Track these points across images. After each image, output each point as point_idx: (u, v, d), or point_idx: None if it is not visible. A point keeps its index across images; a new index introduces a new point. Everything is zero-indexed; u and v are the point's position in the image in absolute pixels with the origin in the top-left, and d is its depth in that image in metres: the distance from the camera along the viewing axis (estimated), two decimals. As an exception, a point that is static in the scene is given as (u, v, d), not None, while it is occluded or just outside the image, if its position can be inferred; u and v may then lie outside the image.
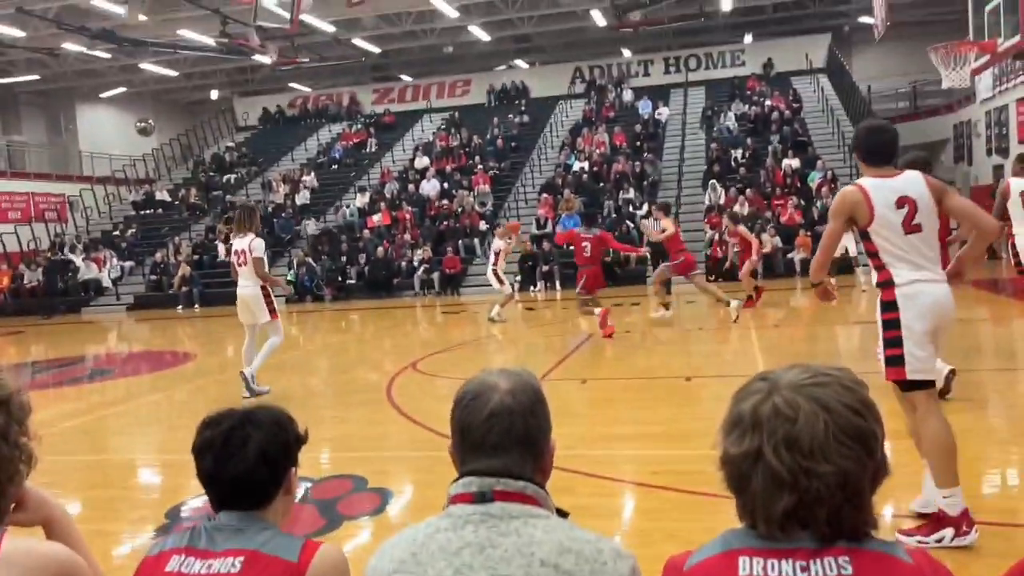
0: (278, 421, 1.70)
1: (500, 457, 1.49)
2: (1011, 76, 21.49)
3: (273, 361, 11.78)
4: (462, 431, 1.53)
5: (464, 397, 1.55)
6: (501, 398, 1.52)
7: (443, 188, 24.71)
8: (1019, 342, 9.85)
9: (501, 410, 1.50)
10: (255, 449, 1.63)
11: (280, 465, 1.68)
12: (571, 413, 6.85)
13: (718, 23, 29.56)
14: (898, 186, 3.74)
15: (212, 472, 1.64)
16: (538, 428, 1.54)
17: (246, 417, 1.68)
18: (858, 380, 1.13)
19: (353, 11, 20.81)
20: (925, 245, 3.72)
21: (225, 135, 33.99)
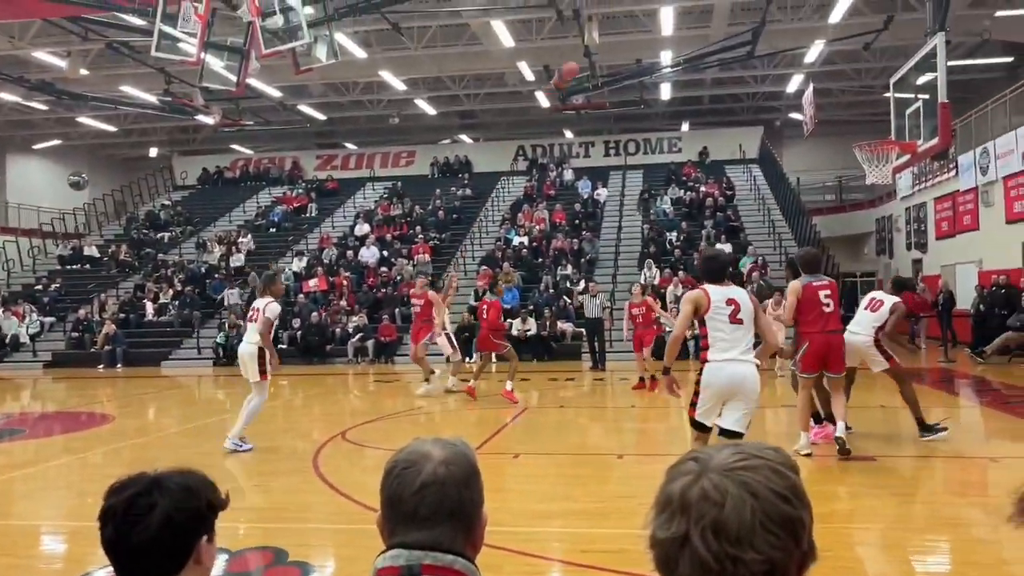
0: (188, 487, 1.59)
1: (430, 529, 1.44)
2: (929, 176, 22.74)
3: (197, 425, 11.41)
4: (392, 501, 1.48)
5: (396, 466, 1.50)
6: (434, 468, 1.47)
7: (382, 256, 24.67)
8: (937, 430, 10.13)
9: (434, 481, 1.46)
10: (159, 517, 1.52)
11: (188, 534, 1.57)
12: (502, 488, 6.75)
13: (657, 111, 30.70)
14: (728, 292, 5.42)
15: (113, 541, 1.54)
16: (471, 501, 1.49)
17: (154, 483, 1.57)
18: (790, 463, 1.13)
19: (300, 78, 20.96)
20: (744, 332, 5.35)
21: (161, 193, 33.48)
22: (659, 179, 28.98)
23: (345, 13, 15.11)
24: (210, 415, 12.91)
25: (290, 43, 12.83)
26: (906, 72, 10.41)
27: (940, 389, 13.52)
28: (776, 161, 29.03)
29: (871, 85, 26.10)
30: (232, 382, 17.01)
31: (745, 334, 5.37)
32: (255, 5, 11.95)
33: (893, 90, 10.84)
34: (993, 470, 7.35)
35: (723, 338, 5.36)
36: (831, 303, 7.54)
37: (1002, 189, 18.45)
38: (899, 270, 25.91)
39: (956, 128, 19.68)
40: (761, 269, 20.88)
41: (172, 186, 34.13)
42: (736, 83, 28.07)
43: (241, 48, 14.34)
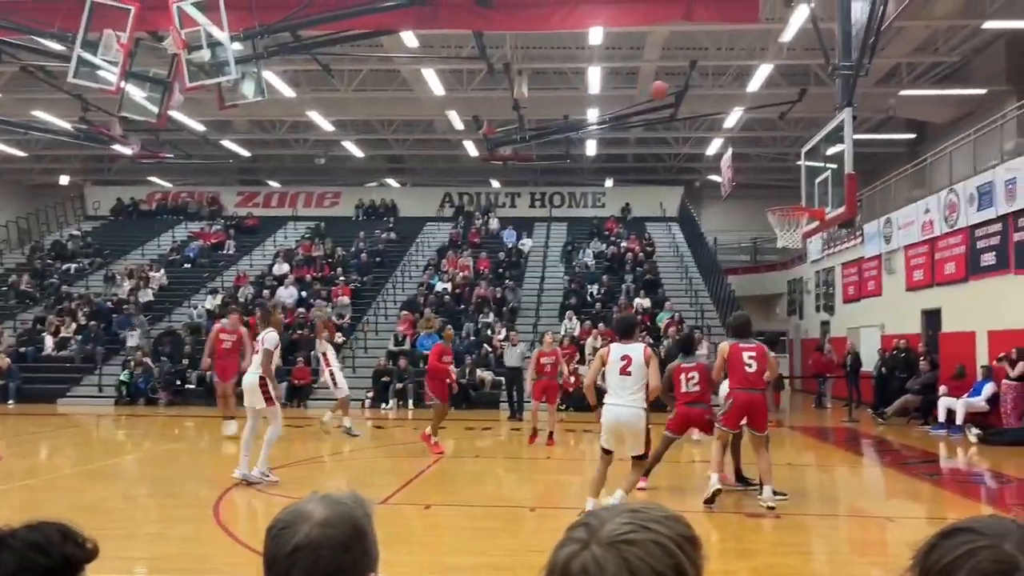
0: (37, 544, 1.42)
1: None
2: (838, 242, 23.76)
3: (94, 467, 10.84)
4: (269, 563, 1.41)
5: (275, 526, 1.43)
6: (309, 531, 1.39)
7: (301, 297, 24.21)
8: (841, 488, 10.43)
9: (307, 544, 1.38)
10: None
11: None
12: (410, 540, 6.60)
13: (582, 166, 31.35)
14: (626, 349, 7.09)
15: None
16: (352, 565, 1.41)
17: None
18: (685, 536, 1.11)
19: (225, 113, 20.64)
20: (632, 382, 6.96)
21: (71, 222, 32.20)
22: (582, 232, 29.46)
23: (275, 52, 14.99)
24: (108, 457, 12.30)
25: (216, 78, 12.62)
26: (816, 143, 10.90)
27: (844, 448, 13.95)
28: (695, 220, 29.91)
29: (785, 152, 27.28)
30: (134, 422, 16.29)
31: (632, 383, 6.97)
32: (181, 38, 11.75)
33: (804, 159, 11.33)
34: (891, 529, 7.57)
35: (613, 386, 7.07)
36: (754, 364, 7.97)
37: (903, 258, 19.41)
38: (808, 331, 26.85)
39: (862, 198, 20.69)
40: (678, 324, 21.31)
41: (83, 216, 32.90)
42: (659, 143, 28.95)
43: (164, 80, 14.06)
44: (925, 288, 18.26)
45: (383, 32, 15.32)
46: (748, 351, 8.00)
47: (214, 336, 13.58)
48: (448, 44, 19.66)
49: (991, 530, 1.06)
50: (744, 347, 8.04)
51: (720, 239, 31.31)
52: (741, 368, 7.96)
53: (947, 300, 17.39)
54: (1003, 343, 14.74)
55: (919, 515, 8.47)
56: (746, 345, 8.09)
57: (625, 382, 6.97)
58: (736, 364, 7.99)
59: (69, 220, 32.33)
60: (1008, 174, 14.59)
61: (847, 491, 10.23)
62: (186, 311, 24.23)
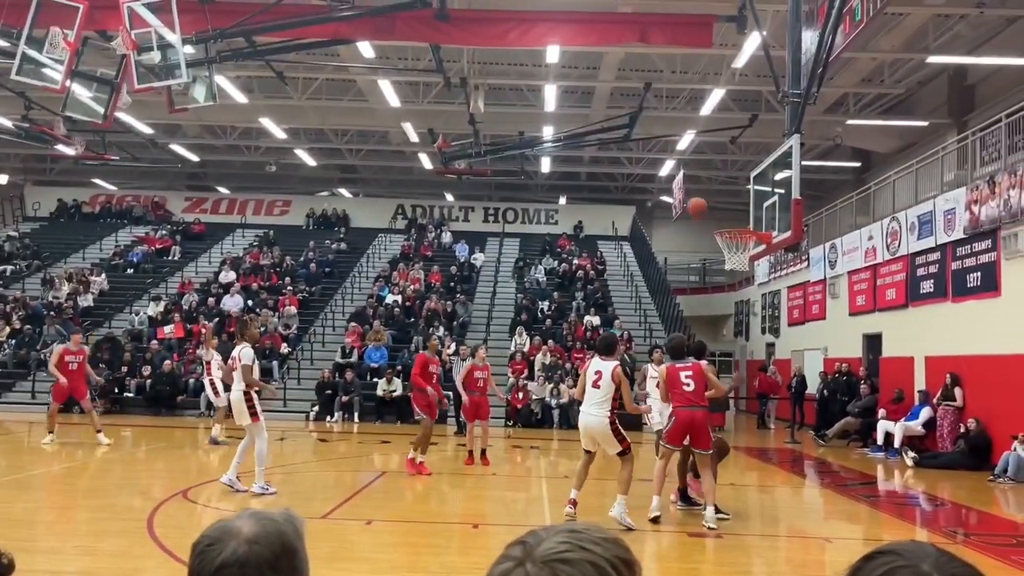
0: None
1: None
2: (784, 266, 24.22)
3: (21, 478, 10.44)
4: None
5: (201, 542, 1.36)
6: (236, 547, 1.33)
7: (247, 305, 23.78)
8: (782, 509, 10.56)
9: (233, 562, 1.32)
10: None
11: None
12: (350, 557, 6.48)
13: (536, 183, 31.52)
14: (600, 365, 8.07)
15: None
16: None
17: None
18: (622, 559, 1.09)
19: (175, 117, 20.27)
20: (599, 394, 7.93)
21: (8, 223, 31.21)
22: (535, 249, 29.55)
23: (228, 57, 14.78)
24: (38, 466, 11.87)
25: (166, 81, 12.38)
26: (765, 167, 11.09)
27: (786, 469, 14.15)
28: (646, 240, 30.25)
29: (736, 176, 27.79)
30: (68, 431, 15.78)
31: (600, 395, 7.93)
32: (131, 39, 11.49)
33: (753, 183, 11.51)
34: (829, 550, 7.67)
35: (586, 396, 8.08)
36: (691, 383, 8.27)
37: (847, 283, 19.85)
38: (753, 352, 27.27)
39: (808, 223, 21.14)
40: (627, 343, 21.45)
41: (21, 216, 31.91)
42: (612, 163, 29.25)
43: (112, 80, 13.73)
44: (867, 313, 18.69)
45: (339, 41, 15.20)
46: (684, 371, 8.34)
47: (59, 357, 13.75)
48: (405, 56, 19.63)
49: (910, 553, 1.10)
50: (680, 367, 8.41)
51: (670, 259, 31.72)
52: (679, 387, 8.27)
53: (888, 325, 17.82)
54: (939, 368, 15.14)
55: (856, 536, 8.61)
56: (682, 365, 8.46)
57: (595, 394, 7.95)
58: (674, 384, 8.30)
59: (7, 221, 31.35)
60: (947, 204, 15.04)
61: (788, 511, 10.36)
62: (128, 317, 23.61)
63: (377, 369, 20.53)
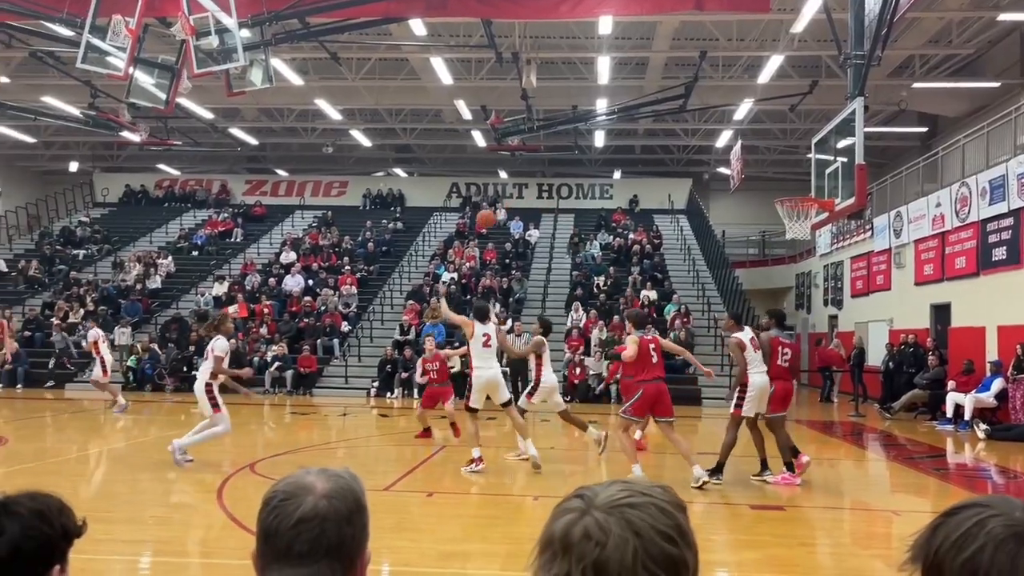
0: (41, 512, 1.45)
1: (306, 567, 1.33)
2: (847, 236, 23.64)
3: (99, 451, 10.88)
4: (267, 535, 1.36)
5: (274, 498, 1.39)
6: (315, 502, 1.36)
7: (307, 285, 24.22)
8: (846, 482, 10.39)
9: (313, 516, 1.35)
10: (6, 545, 1.38)
11: (39, 564, 1.42)
12: (412, 528, 6.59)
13: (590, 157, 31.26)
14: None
15: None
16: (352, 538, 1.39)
17: (1, 507, 1.43)
18: (676, 502, 1.10)
19: (233, 101, 20.64)
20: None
21: (80, 209, 32.29)
22: (589, 224, 29.38)
23: (283, 39, 14.98)
24: (114, 441, 12.35)
25: (224, 65, 12.62)
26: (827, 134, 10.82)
27: (851, 442, 13.90)
28: (703, 213, 29.80)
29: (795, 145, 27.13)
30: (140, 407, 16.37)
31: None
32: (190, 24, 11.73)
33: (814, 150, 11.25)
34: (896, 523, 7.53)
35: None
36: (655, 355, 8.62)
37: (913, 252, 19.29)
38: (815, 325, 26.75)
39: (872, 191, 20.57)
40: (684, 317, 21.25)
41: (92, 202, 32.98)
42: (668, 135, 28.83)
43: (173, 66, 14.05)
44: (935, 283, 18.15)
45: (392, 20, 15.27)
46: (651, 343, 8.65)
47: None
48: (457, 33, 19.59)
49: (998, 503, 1.07)
50: (648, 339, 8.71)
51: (728, 232, 31.19)
52: (648, 359, 8.52)
53: (957, 295, 17.28)
54: (1012, 338, 14.64)
55: (925, 509, 8.42)
56: (648, 337, 8.80)
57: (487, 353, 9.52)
58: (643, 356, 8.49)
59: (78, 207, 32.42)
60: (1021, 168, 14.47)
61: (852, 484, 10.18)
62: (193, 298, 24.28)
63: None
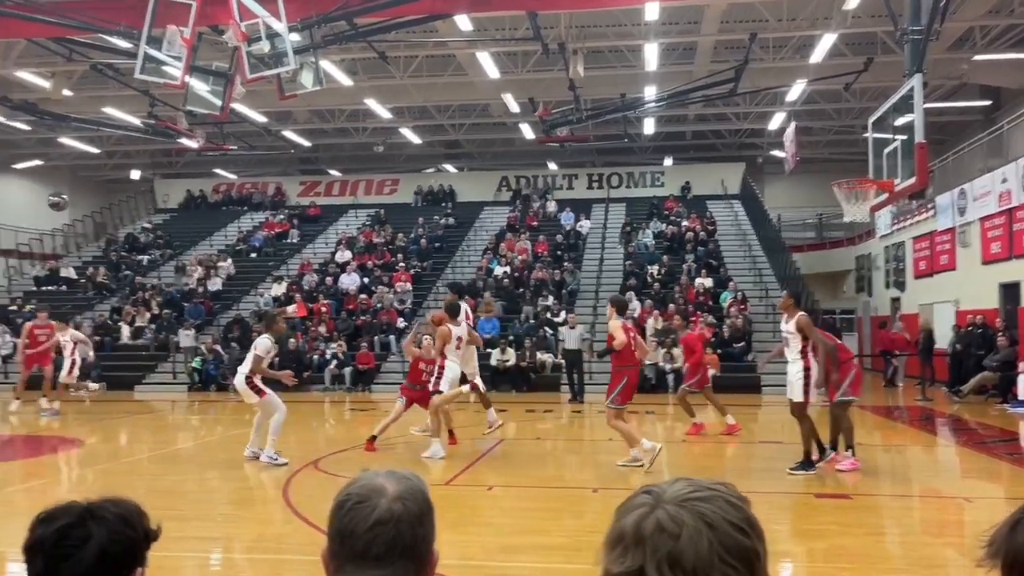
0: (125, 517, 1.51)
1: (382, 568, 1.38)
2: (908, 216, 23.01)
3: (168, 452, 11.21)
4: (342, 537, 1.40)
5: (347, 500, 1.43)
6: (389, 505, 1.40)
7: (363, 283, 24.56)
8: (914, 469, 10.14)
9: (388, 518, 1.39)
10: (94, 549, 1.44)
11: (123, 567, 1.48)
12: (474, 522, 6.65)
13: (640, 145, 30.98)
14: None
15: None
16: (424, 539, 1.43)
17: (87, 512, 1.49)
18: (741, 496, 1.10)
19: (285, 104, 20.99)
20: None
21: (142, 215, 33.26)
22: (641, 213, 29.14)
23: (331, 41, 15.17)
24: (183, 441, 12.71)
25: (275, 69, 12.85)
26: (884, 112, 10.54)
27: (917, 428, 13.56)
28: (757, 197, 29.30)
29: (851, 125, 26.49)
30: (206, 407, 16.81)
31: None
32: (241, 31, 11.96)
33: (872, 130, 10.97)
34: (969, 510, 7.33)
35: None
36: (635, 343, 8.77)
37: (979, 230, 18.68)
38: (877, 308, 26.12)
39: (934, 169, 19.98)
40: (740, 304, 20.96)
41: (153, 209, 33.93)
42: (719, 119, 28.41)
43: (226, 73, 14.37)
44: (1003, 261, 17.56)
45: (437, 16, 15.34)
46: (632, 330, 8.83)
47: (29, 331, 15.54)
48: (502, 26, 19.59)
49: None
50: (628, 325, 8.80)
51: (784, 216, 30.64)
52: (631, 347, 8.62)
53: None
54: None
55: (998, 495, 8.18)
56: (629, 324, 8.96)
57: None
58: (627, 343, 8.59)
59: (141, 213, 33.39)
60: (1091, 139, 13.90)
61: (921, 471, 9.94)
62: (253, 299, 24.81)
63: (490, 340, 20.82)
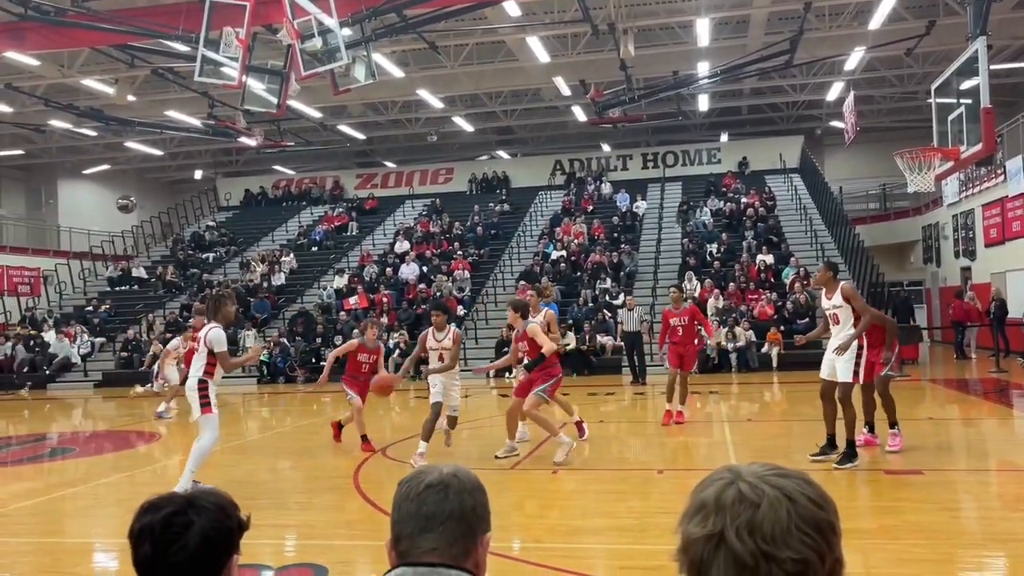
0: (222, 506, 1.63)
1: (430, 532, 1.49)
2: (976, 182, 22.25)
3: (240, 443, 11.56)
4: (396, 506, 1.56)
5: (406, 479, 1.61)
6: (440, 474, 1.56)
7: (422, 272, 24.83)
8: (990, 443, 9.88)
9: (438, 483, 1.54)
10: (197, 535, 1.55)
11: (222, 553, 1.59)
12: (540, 504, 6.73)
13: (695, 122, 30.54)
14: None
15: (150, 560, 1.56)
16: (473, 509, 1.55)
17: (189, 502, 1.60)
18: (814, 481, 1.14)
19: (339, 98, 21.29)
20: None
21: (206, 214, 34.16)
22: (698, 190, 28.78)
23: (383, 34, 15.34)
24: (255, 432, 13.10)
25: (329, 64, 13.04)
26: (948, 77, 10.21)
27: (993, 400, 13.17)
28: (817, 170, 28.64)
29: (913, 91, 25.68)
30: (275, 399, 17.26)
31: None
32: (294, 28, 12.17)
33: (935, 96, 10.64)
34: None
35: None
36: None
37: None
38: (946, 279, 25.37)
39: (1002, 132, 19.26)
40: (803, 280, 20.58)
41: (216, 207, 34.81)
42: (775, 92, 27.82)
43: (281, 70, 14.62)
44: (1079, 225, 16.88)
45: (486, 4, 15.37)
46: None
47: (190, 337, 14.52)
48: (551, 9, 19.49)
49: None
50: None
51: (846, 188, 29.89)
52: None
53: (1105, 237, 16.02)
54: None
55: (1079, 468, 7.93)
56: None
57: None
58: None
59: (205, 212, 34.29)
60: None
61: (997, 444, 9.67)
62: (316, 292, 25.30)
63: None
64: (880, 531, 5.65)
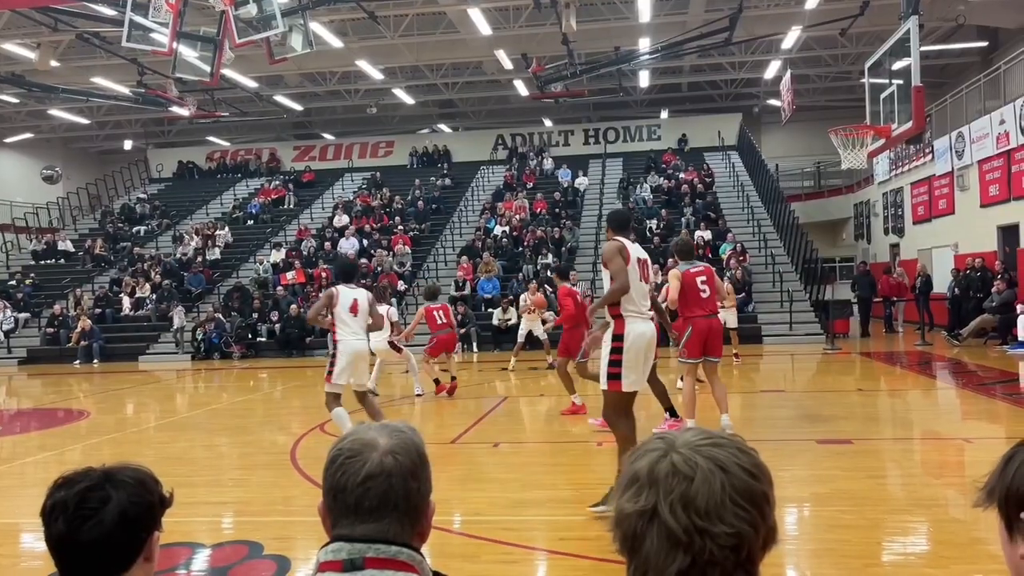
0: (142, 480, 1.54)
1: (376, 522, 1.39)
2: (906, 161, 22.90)
3: (176, 419, 11.31)
4: (335, 492, 1.41)
5: (339, 455, 1.43)
6: (380, 459, 1.41)
7: (362, 247, 24.53)
8: (914, 413, 10.24)
9: (380, 472, 1.39)
10: (114, 511, 1.47)
11: (141, 529, 1.51)
12: (481, 478, 6.73)
13: (636, 98, 30.70)
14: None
15: (62, 537, 1.47)
16: (418, 491, 1.43)
17: (106, 476, 1.52)
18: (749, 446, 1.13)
19: (276, 68, 20.76)
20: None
21: (137, 186, 33.12)
22: (638, 167, 29.00)
23: (320, 2, 14.97)
24: (189, 409, 12.82)
25: (264, 32, 12.67)
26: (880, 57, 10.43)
27: (917, 372, 13.66)
28: (754, 148, 29.12)
29: (848, 71, 26.22)
30: (211, 376, 16.91)
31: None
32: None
33: (868, 75, 10.87)
34: (969, 451, 7.42)
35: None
36: (708, 288, 7.74)
37: (977, 173, 18.61)
38: (876, 255, 26.14)
39: (931, 113, 19.82)
40: (740, 255, 20.96)
41: (147, 179, 33.76)
42: (714, 70, 28.11)
43: (214, 38, 14.13)
44: (1001, 203, 17.54)
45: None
46: (699, 275, 7.75)
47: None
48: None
49: None
50: (694, 272, 7.76)
51: (782, 165, 30.50)
52: (695, 293, 7.67)
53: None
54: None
55: (999, 435, 8.27)
56: (695, 269, 7.82)
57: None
58: (691, 290, 7.68)
59: (135, 184, 33.24)
60: (1090, 77, 13.79)
61: (921, 414, 10.03)
62: (252, 266, 24.80)
63: (491, 299, 20.88)
64: (812, 499, 5.81)
